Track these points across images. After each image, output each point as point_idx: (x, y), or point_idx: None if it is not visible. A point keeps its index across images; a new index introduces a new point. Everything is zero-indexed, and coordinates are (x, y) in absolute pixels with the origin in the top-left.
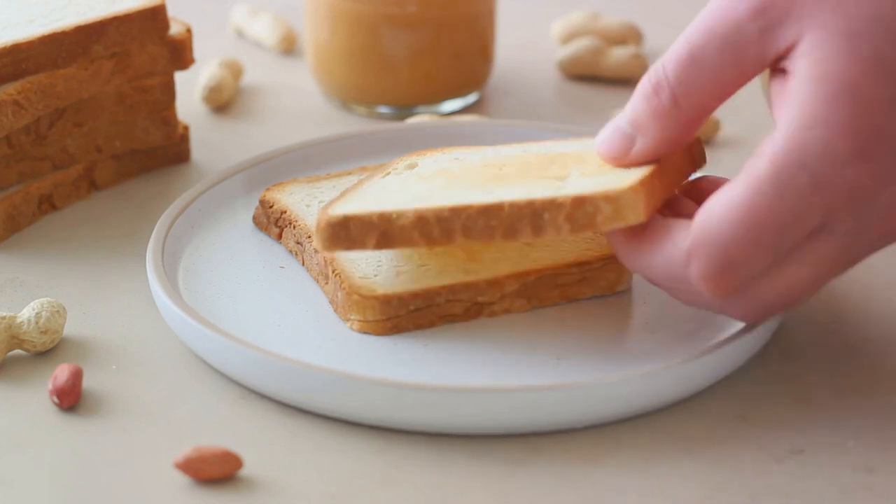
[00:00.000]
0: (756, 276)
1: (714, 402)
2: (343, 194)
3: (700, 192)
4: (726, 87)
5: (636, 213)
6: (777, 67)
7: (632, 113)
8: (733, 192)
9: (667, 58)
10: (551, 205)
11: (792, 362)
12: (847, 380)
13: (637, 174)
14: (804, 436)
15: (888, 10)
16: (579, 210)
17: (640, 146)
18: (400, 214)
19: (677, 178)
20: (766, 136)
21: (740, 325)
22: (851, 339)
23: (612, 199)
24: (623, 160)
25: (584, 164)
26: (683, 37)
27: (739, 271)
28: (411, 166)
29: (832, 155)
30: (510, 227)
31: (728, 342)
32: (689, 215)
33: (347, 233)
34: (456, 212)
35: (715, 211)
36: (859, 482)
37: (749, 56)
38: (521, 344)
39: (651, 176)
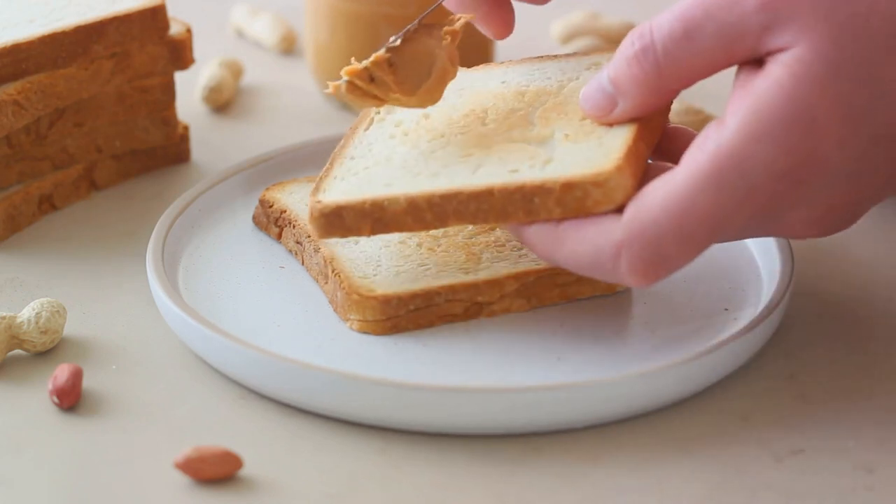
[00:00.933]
0: (680, 268)
1: (714, 402)
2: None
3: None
4: (711, 67)
5: (625, 193)
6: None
7: (614, 72)
8: (672, 185)
9: (657, 24)
10: (540, 190)
11: (792, 362)
12: (847, 380)
13: (620, 140)
14: (804, 436)
15: (875, 63)
16: (569, 195)
17: (621, 108)
18: (392, 201)
19: (663, 121)
20: (712, 124)
21: (740, 325)
22: (851, 340)
23: (601, 184)
24: (605, 119)
25: (566, 116)
26: (680, 7)
27: (668, 265)
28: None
29: (771, 169)
30: (502, 211)
31: (728, 342)
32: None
33: (342, 221)
34: (447, 198)
35: (649, 203)
36: (859, 482)
37: (743, 46)
38: (521, 344)
39: (635, 141)
